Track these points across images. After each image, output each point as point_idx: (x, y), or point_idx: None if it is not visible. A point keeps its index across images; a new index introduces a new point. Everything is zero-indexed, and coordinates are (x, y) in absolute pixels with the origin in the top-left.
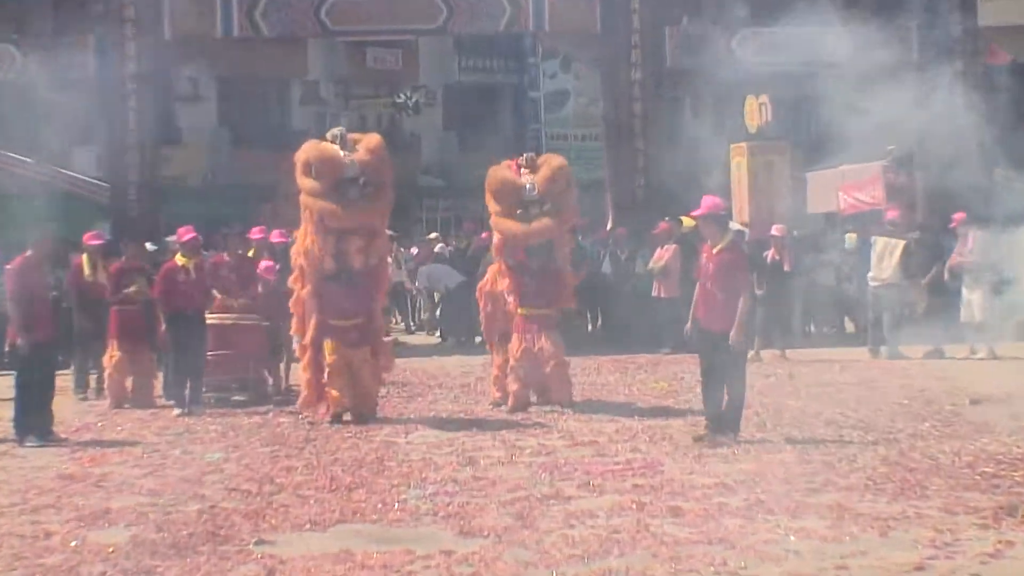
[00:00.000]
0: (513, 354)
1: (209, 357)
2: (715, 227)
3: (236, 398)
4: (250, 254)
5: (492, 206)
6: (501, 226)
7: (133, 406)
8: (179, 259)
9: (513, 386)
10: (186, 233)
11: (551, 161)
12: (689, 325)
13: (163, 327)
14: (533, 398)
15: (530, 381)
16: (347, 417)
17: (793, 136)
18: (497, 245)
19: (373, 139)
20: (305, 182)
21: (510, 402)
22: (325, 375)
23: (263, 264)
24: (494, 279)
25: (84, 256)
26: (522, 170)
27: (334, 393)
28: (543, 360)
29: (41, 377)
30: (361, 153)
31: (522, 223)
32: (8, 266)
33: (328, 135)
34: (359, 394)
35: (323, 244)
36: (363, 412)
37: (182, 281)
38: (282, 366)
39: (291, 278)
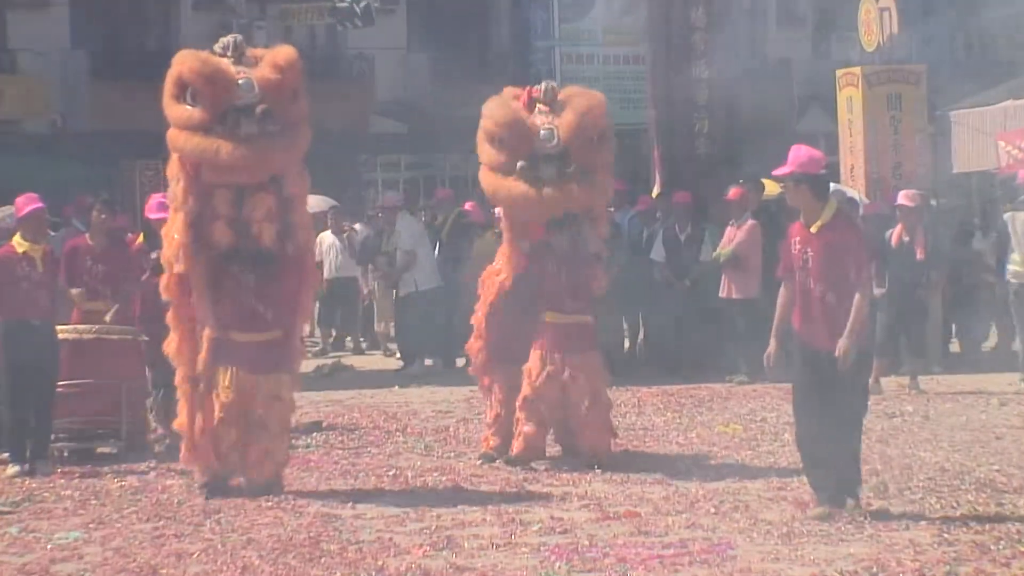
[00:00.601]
0: (531, 380)
1: (62, 388)
2: (811, 193)
3: (103, 450)
4: (138, 241)
5: (488, 155)
6: (499, 188)
7: None
8: (17, 244)
9: (526, 426)
10: (27, 204)
11: (581, 98)
12: (774, 342)
13: None
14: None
15: (551, 422)
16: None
17: (931, 57)
18: (506, 222)
19: (283, 52)
20: (176, 110)
21: (515, 448)
22: (215, 419)
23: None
24: (495, 270)
25: None
26: (538, 107)
27: (220, 449)
28: (575, 394)
29: None
30: (263, 70)
31: (532, 185)
32: None
33: (217, 45)
34: (259, 452)
35: (210, 207)
36: (263, 480)
37: (22, 276)
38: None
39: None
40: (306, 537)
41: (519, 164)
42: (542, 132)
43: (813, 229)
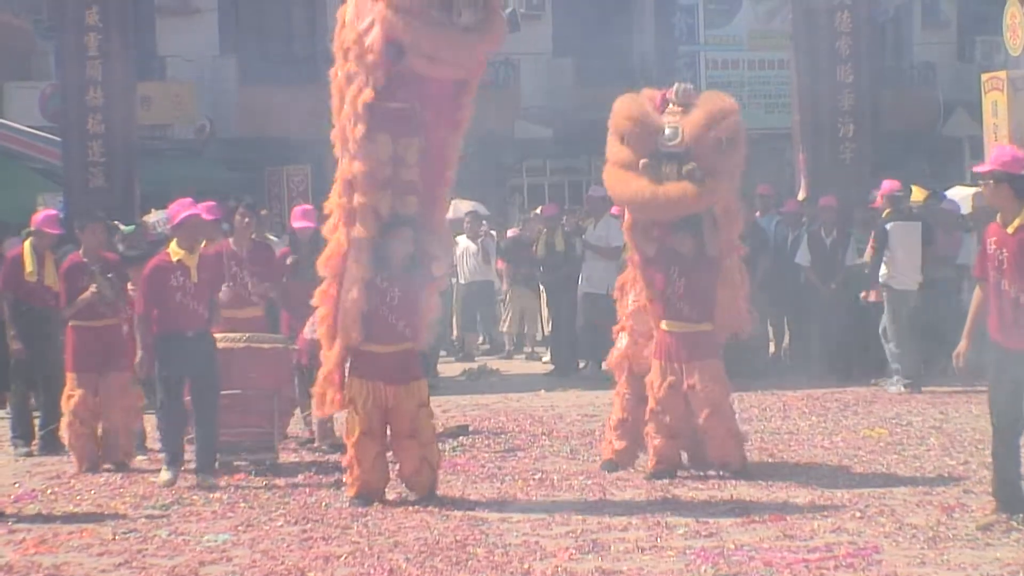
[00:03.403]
0: (654, 392)
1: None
2: (1011, 193)
3: (240, 463)
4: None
5: (613, 152)
6: (618, 184)
7: (110, 466)
8: (172, 252)
9: (656, 440)
10: (181, 210)
11: (712, 102)
12: (965, 342)
13: (139, 352)
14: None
15: (680, 432)
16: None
17: None
18: (628, 223)
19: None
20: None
21: (651, 464)
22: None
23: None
24: (629, 279)
25: (25, 246)
26: (669, 107)
27: (366, 462)
28: (695, 403)
29: None
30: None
31: (651, 183)
32: None
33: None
34: (415, 460)
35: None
36: (425, 488)
37: (177, 287)
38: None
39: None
40: (453, 540)
41: (642, 161)
42: (667, 130)
43: (1010, 230)
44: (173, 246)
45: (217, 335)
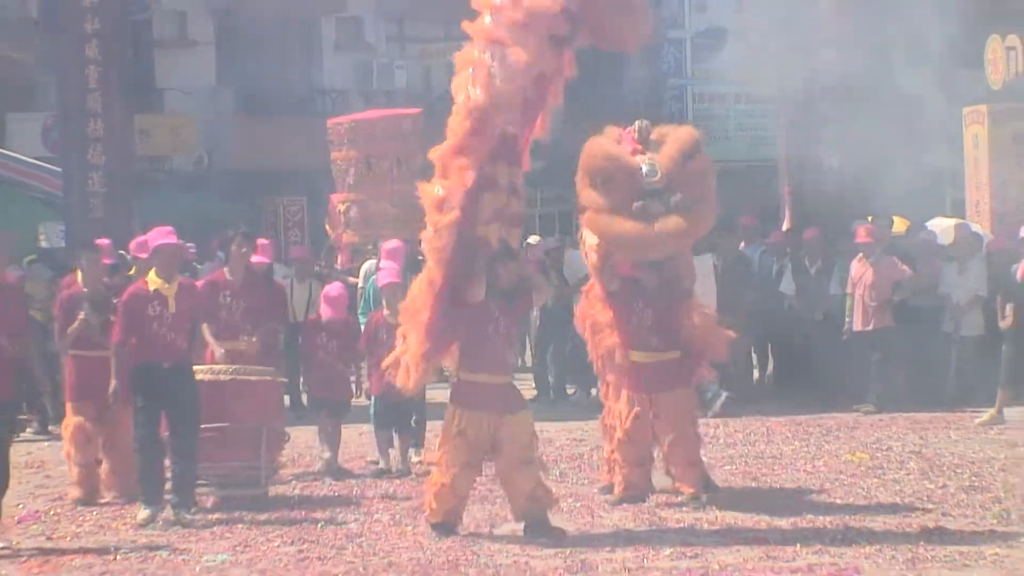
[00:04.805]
0: (621, 423)
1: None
2: None
3: (233, 493)
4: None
5: (592, 199)
6: (609, 230)
7: (117, 496)
8: (150, 280)
9: (624, 468)
10: (158, 238)
11: (676, 134)
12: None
13: (113, 382)
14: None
15: (647, 459)
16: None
17: None
18: (595, 261)
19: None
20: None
21: (617, 490)
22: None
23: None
24: (590, 311)
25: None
26: (639, 144)
27: (461, 491)
28: (660, 432)
29: None
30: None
31: (646, 224)
32: None
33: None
34: (530, 485)
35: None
36: (541, 515)
37: (154, 316)
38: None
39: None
40: (445, 560)
41: (636, 204)
42: (644, 167)
43: None
44: (151, 275)
45: (202, 367)
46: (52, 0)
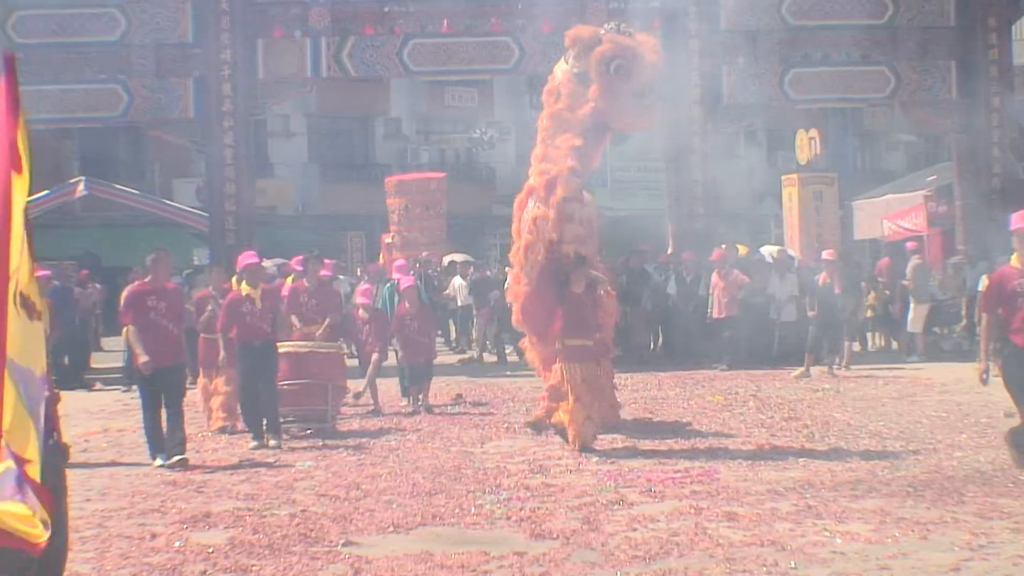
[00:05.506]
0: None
1: (287, 387)
2: None
3: (311, 427)
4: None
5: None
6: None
7: (228, 425)
8: (243, 288)
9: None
10: (245, 259)
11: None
12: (985, 363)
13: (220, 355)
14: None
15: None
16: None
17: (841, 168)
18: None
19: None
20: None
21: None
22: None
23: (361, 289)
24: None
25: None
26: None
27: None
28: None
29: (153, 401)
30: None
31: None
32: (125, 291)
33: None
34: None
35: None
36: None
37: (246, 312)
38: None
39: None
40: (452, 465)
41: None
42: None
43: None
44: (244, 284)
45: (288, 343)
46: (203, 106)
